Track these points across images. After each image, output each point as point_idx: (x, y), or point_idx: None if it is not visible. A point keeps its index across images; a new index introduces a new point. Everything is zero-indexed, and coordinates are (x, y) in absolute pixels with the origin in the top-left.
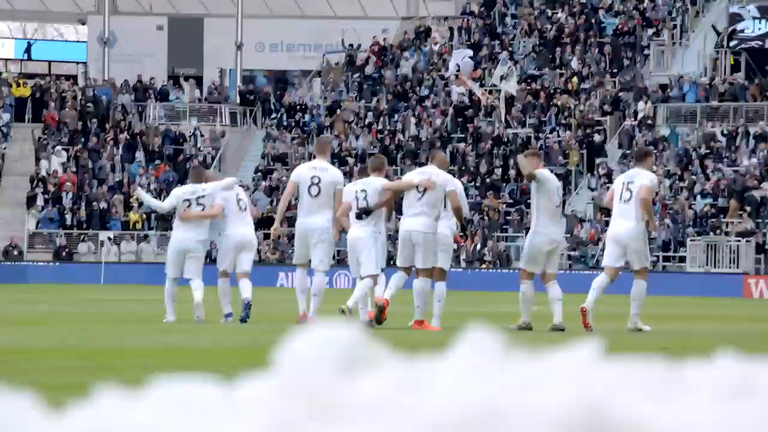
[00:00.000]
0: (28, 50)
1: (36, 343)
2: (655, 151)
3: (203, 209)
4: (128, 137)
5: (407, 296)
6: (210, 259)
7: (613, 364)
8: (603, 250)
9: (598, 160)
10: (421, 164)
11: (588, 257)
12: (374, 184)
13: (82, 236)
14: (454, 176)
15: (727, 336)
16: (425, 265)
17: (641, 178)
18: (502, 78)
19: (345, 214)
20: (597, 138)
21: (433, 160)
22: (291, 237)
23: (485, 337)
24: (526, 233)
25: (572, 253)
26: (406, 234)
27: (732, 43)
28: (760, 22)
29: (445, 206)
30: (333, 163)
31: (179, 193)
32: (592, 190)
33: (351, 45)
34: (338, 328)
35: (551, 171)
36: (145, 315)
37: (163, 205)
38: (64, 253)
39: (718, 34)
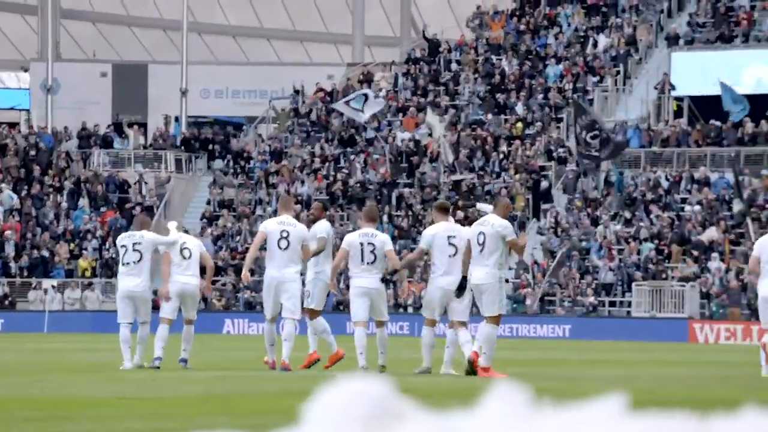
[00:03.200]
0: None
1: None
2: (600, 198)
3: (140, 256)
4: (72, 184)
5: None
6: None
7: (639, 418)
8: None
9: (544, 206)
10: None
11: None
12: (381, 239)
13: (33, 285)
14: (401, 222)
15: (679, 381)
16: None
17: None
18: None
19: (341, 263)
20: (544, 183)
21: (495, 208)
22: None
23: (512, 390)
24: None
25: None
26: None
27: (674, 90)
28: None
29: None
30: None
31: (118, 239)
32: (541, 234)
33: (297, 91)
34: (366, 383)
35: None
36: (95, 364)
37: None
38: (6, 302)
39: (656, 89)
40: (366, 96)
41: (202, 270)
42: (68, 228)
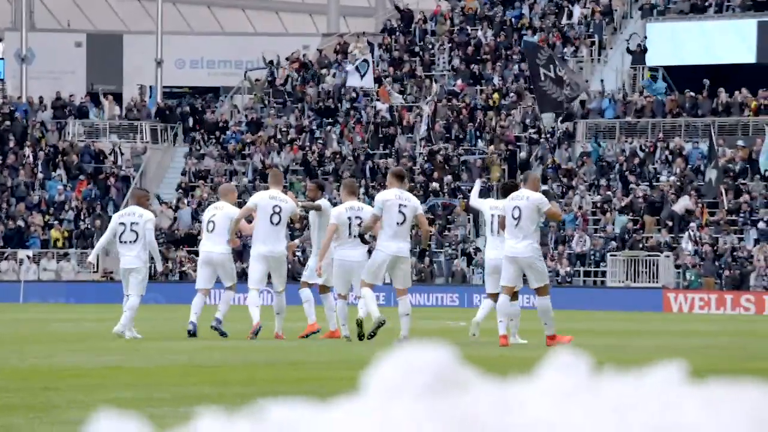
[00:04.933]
0: None
1: None
2: (575, 167)
3: (136, 236)
4: (47, 154)
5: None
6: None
7: (702, 386)
8: None
9: (521, 176)
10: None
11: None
12: (367, 211)
13: (6, 255)
14: (377, 193)
15: (661, 350)
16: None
17: None
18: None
19: (332, 238)
20: (523, 154)
21: (526, 182)
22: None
23: (572, 359)
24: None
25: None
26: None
27: (648, 59)
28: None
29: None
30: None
31: (116, 215)
32: None
33: (271, 62)
34: (427, 351)
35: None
36: (75, 334)
37: (107, 235)
38: None
39: (631, 52)
40: (368, 63)
41: None
42: (43, 198)
